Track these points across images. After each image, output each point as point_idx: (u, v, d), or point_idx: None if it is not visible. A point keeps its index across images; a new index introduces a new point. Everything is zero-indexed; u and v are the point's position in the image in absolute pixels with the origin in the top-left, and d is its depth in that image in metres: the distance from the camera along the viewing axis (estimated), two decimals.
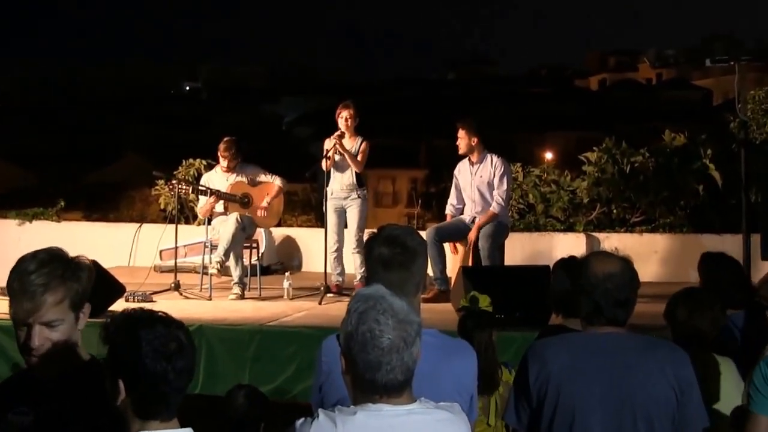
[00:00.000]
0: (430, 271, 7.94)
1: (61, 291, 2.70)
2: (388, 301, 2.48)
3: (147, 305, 3.16)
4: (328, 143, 8.65)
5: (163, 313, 2.47)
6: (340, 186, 8.73)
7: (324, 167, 8.54)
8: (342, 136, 8.60)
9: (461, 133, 8.52)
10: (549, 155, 34.02)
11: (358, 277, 8.64)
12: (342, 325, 2.52)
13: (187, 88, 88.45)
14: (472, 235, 8.32)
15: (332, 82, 77.21)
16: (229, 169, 8.77)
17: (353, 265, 8.78)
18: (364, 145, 8.71)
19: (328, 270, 8.55)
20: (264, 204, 8.78)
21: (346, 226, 8.83)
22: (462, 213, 8.68)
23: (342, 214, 8.77)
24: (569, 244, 10.33)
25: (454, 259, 8.66)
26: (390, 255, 3.05)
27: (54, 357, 2.70)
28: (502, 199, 8.44)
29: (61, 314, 2.71)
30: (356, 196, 8.72)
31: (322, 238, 8.64)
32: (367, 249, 3.13)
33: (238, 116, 58.67)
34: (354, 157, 8.62)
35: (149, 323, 2.40)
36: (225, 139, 8.85)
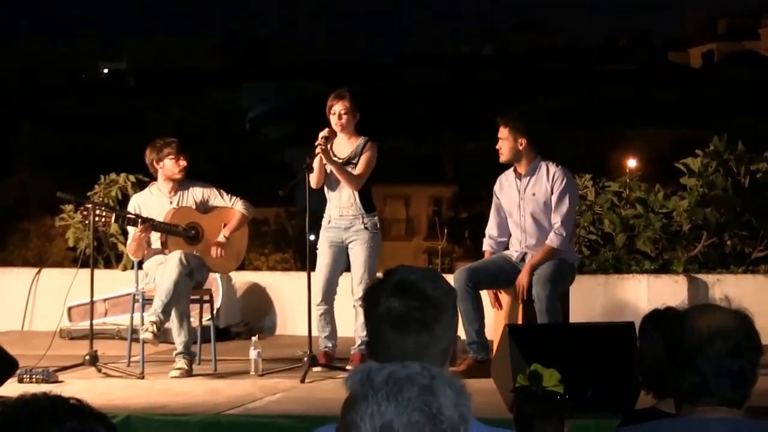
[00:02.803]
0: (461, 333, 7.96)
1: None
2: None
3: (51, 388, 3.17)
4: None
5: (75, 399, 2.48)
6: (338, 210, 8.74)
7: (312, 183, 8.55)
8: (330, 137, 8.61)
9: (503, 133, 8.55)
10: (632, 162, 34.10)
11: (358, 342, 8.65)
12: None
13: (106, 71, 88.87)
14: (523, 280, 8.34)
15: (317, 61, 77.53)
16: (182, 172, 8.71)
17: (352, 324, 8.80)
18: (368, 147, 8.74)
19: (314, 332, 8.55)
20: (220, 238, 8.80)
21: (347, 269, 8.85)
22: (507, 248, 8.70)
23: (341, 252, 8.76)
24: (663, 291, 10.33)
25: (496, 315, 8.68)
26: (403, 310, 3.04)
27: None
28: (565, 227, 8.47)
29: None
30: (362, 225, 8.72)
31: (304, 285, 8.66)
32: (369, 302, 3.13)
33: (179, 111, 58.92)
34: (343, 169, 8.62)
35: (56, 416, 2.40)
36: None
